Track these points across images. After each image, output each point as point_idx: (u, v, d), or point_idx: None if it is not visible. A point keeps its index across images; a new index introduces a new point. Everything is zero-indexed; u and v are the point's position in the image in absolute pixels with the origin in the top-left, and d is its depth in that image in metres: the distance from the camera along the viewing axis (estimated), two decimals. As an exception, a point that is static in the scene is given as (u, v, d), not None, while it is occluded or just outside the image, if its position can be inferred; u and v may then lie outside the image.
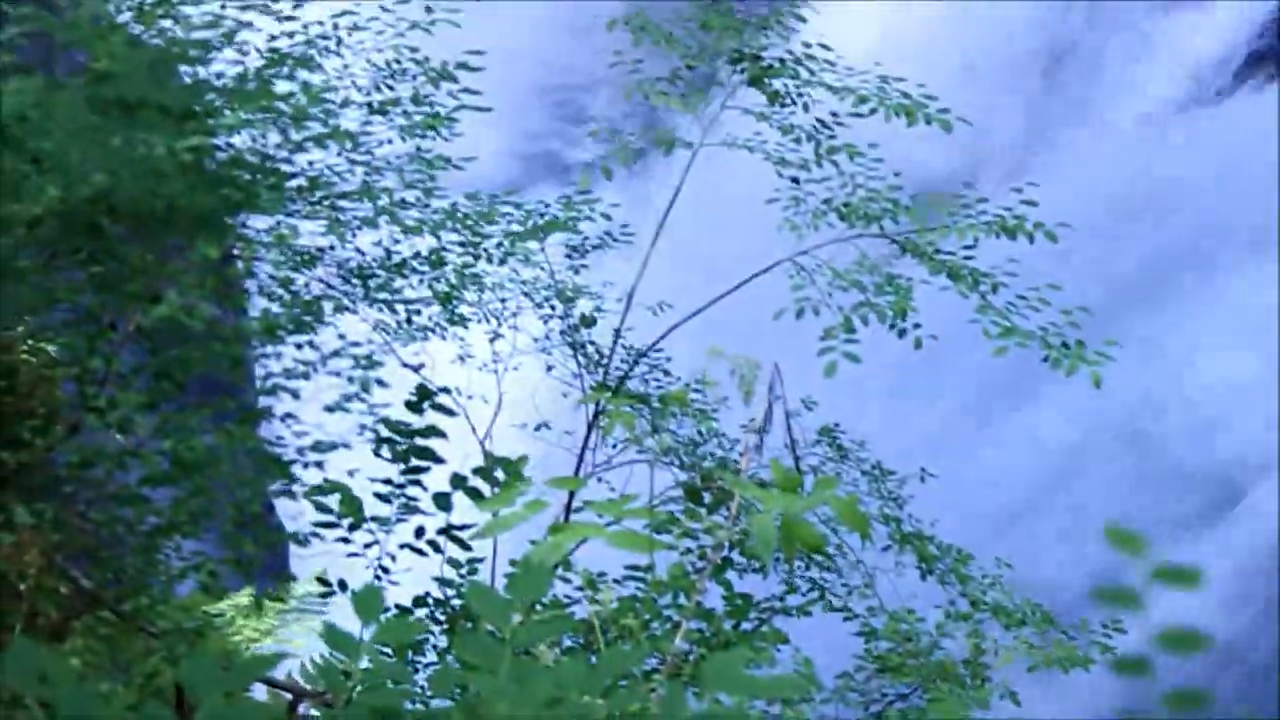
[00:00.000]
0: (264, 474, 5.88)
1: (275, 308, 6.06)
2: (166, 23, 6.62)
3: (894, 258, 8.94)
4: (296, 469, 5.94)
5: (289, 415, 6.08)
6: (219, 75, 5.62)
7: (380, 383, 6.16)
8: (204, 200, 4.59)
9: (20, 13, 4.63)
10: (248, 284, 6.57)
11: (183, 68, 5.23)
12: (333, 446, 6.00)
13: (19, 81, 4.51)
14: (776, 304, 8.45)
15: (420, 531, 6.23)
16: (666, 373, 9.64)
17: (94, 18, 4.43)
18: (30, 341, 5.41)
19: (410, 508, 6.13)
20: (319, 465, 5.98)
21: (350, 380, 5.97)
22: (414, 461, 5.97)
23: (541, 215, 8.73)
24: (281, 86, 6.28)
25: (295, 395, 5.99)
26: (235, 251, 6.14)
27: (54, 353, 5.46)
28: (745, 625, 6.76)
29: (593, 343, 9.58)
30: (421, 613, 6.62)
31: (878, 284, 8.40)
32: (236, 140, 5.59)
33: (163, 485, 5.62)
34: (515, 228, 8.48)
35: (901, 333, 8.17)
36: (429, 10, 7.82)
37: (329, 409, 6.10)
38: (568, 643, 6.08)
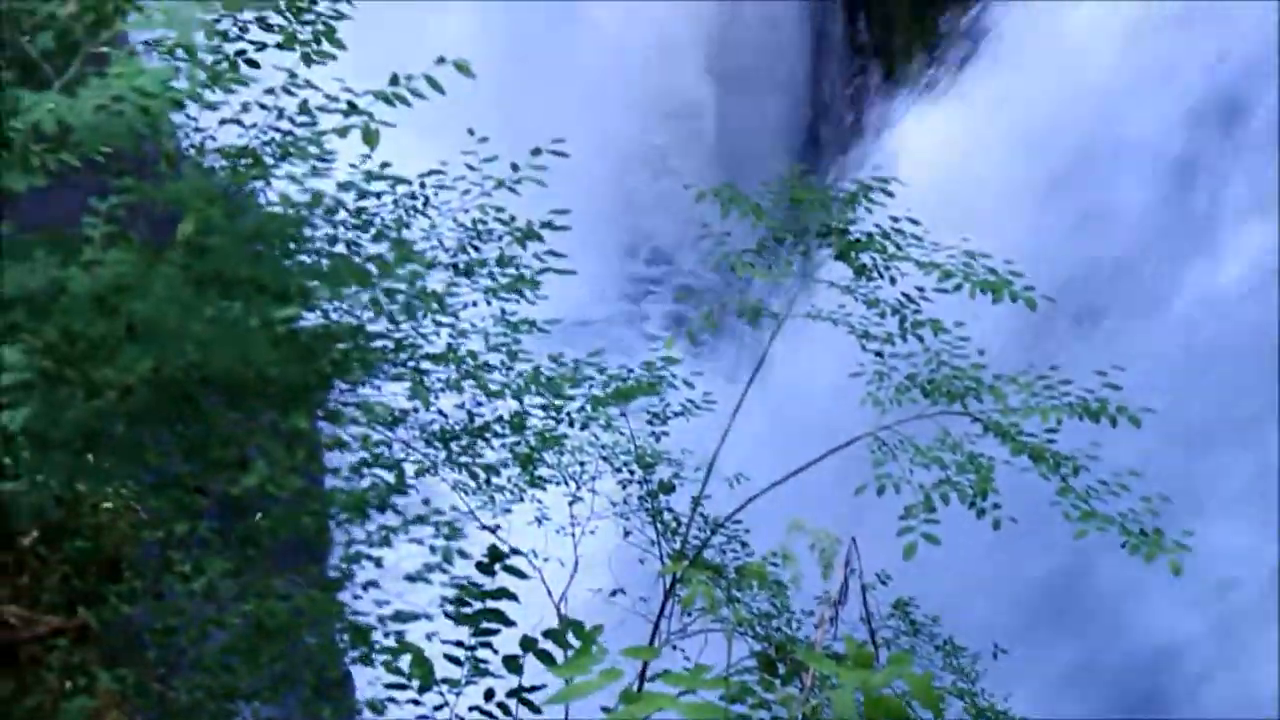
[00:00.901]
0: (345, 641, 5.87)
1: (361, 479, 6.10)
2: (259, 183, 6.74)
3: (976, 436, 8.90)
4: (376, 636, 5.93)
5: (371, 583, 6.08)
6: (312, 240, 5.69)
7: (462, 554, 6.16)
8: (296, 372, 4.64)
9: (122, 184, 4.71)
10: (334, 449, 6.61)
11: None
12: (414, 617, 5.99)
13: (119, 252, 4.58)
14: (857, 478, 8.44)
15: (490, 694, 6.19)
16: (744, 544, 9.61)
17: (194, 190, 4.50)
18: (118, 504, 5.45)
19: (480, 670, 6.10)
20: (399, 634, 5.97)
21: (432, 550, 5.97)
22: (484, 624, 5.94)
23: (624, 380, 8.75)
24: (371, 248, 6.35)
25: (378, 564, 5.99)
26: (321, 417, 6.19)
27: (141, 515, 5.50)
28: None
29: (670, 510, 9.56)
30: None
31: (959, 463, 8.39)
32: (327, 305, 5.66)
33: (244, 652, 5.62)
34: (597, 393, 8.51)
35: (981, 512, 8.14)
36: (515, 168, 7.88)
37: (410, 578, 6.09)
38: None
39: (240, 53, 7.56)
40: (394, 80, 6.28)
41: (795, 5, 23.13)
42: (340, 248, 6.40)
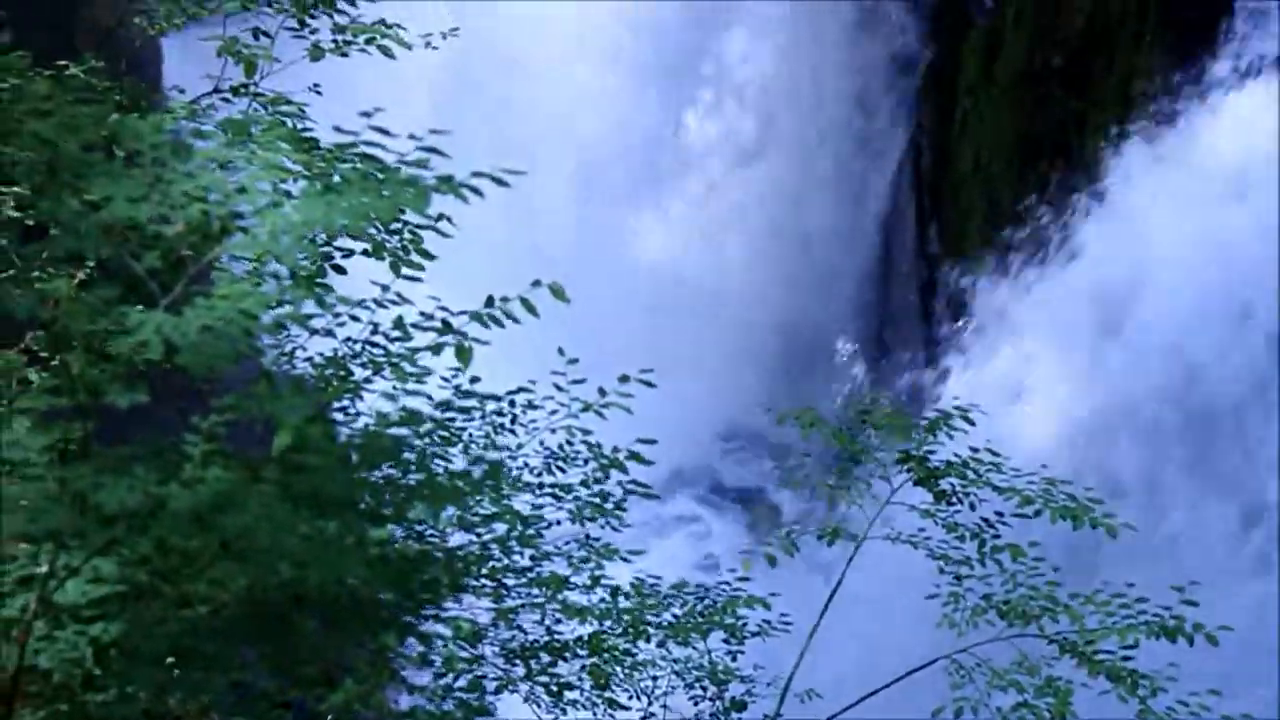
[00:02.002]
0: None
1: (445, 702, 6.13)
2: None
3: (1053, 658, 8.87)
4: None
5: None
6: (406, 458, 5.77)
7: (541, 777, 6.17)
8: (389, 592, 4.70)
9: (223, 402, 4.81)
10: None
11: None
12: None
13: (219, 470, 4.67)
14: (934, 701, 8.43)
15: None
16: (817, 765, 9.54)
17: (294, 409, 4.59)
18: (204, 718, 5.49)
19: None
20: None
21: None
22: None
23: (701, 599, 8.78)
24: (459, 461, 6.42)
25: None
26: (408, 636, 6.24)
27: (225, 729, 5.55)
28: None
29: (743, 729, 9.52)
30: None
31: (1037, 686, 8.38)
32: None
33: None
34: (676, 614, 8.54)
35: (1058, 735, 8.11)
36: (602, 393, 7.98)
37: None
38: None
39: (328, 257, 7.74)
40: (489, 302, 6.39)
41: (868, 215, 23.38)
42: (429, 461, 6.48)
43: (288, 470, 4.57)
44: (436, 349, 6.28)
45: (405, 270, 7.53)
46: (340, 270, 7.69)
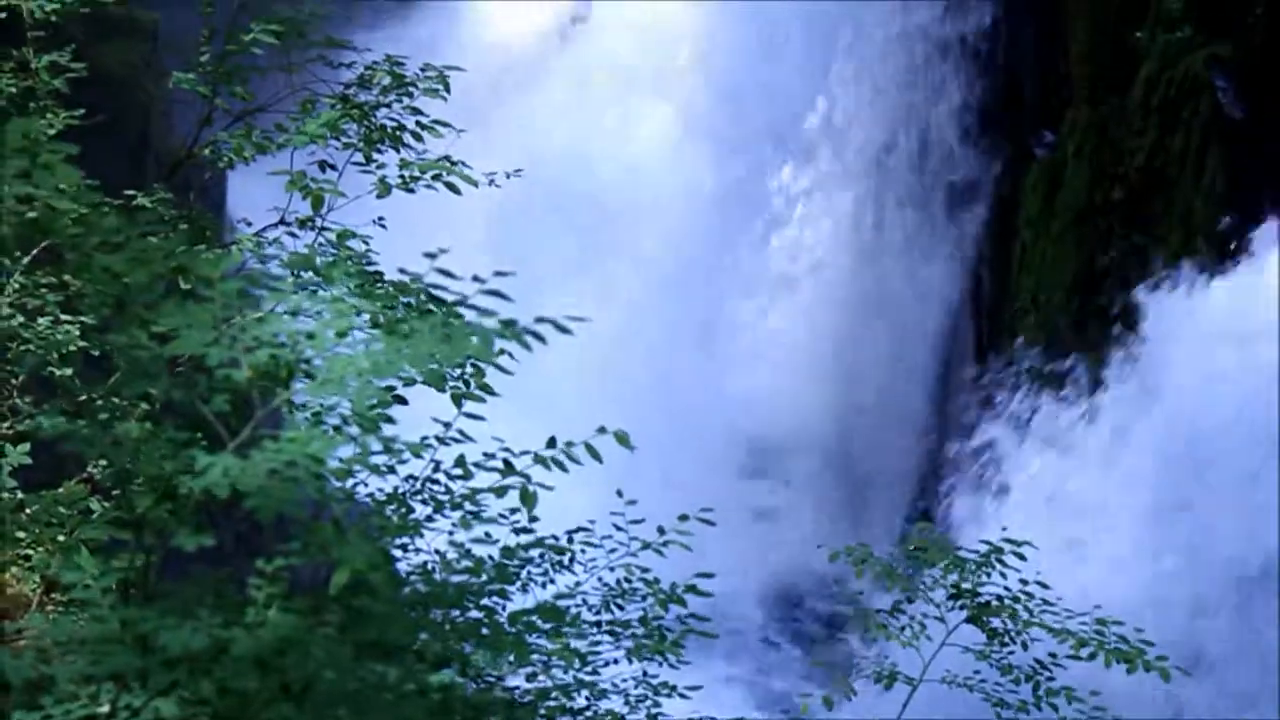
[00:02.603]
0: None
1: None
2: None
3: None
4: None
5: None
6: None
7: None
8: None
9: (290, 547, 4.86)
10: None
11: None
12: None
13: (282, 614, 4.72)
14: None
15: None
16: None
17: (360, 554, 4.64)
18: None
19: None
20: None
21: None
22: None
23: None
24: (517, 600, 6.44)
25: None
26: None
27: None
28: None
29: None
30: None
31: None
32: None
33: None
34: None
35: None
36: (661, 531, 8.02)
37: None
38: None
39: (389, 389, 7.80)
40: (551, 443, 6.44)
41: (926, 346, 23.42)
42: (488, 600, 6.52)
43: (349, 613, 4.61)
44: (500, 492, 6.33)
45: (468, 407, 7.58)
46: (401, 401, 7.76)
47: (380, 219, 10.45)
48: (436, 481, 7.48)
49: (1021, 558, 8.98)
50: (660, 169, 25.81)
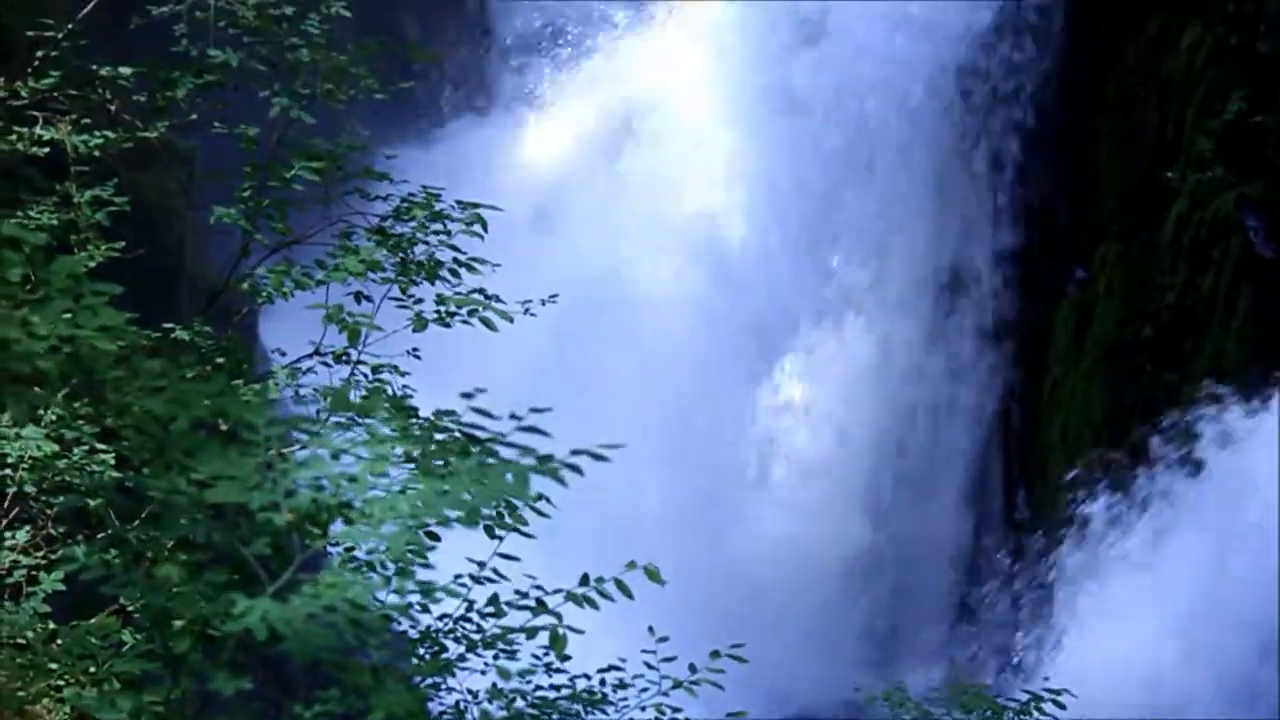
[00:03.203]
0: None
1: None
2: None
3: None
4: None
5: None
6: None
7: None
8: None
9: (328, 694, 4.87)
10: None
11: None
12: None
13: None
14: None
15: None
16: None
17: (400, 704, 4.64)
18: None
19: None
20: None
21: None
22: None
23: None
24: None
25: None
26: None
27: None
28: None
29: None
30: None
31: None
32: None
33: None
34: None
35: None
36: (692, 669, 7.99)
37: None
38: None
39: (422, 526, 7.81)
40: (584, 581, 6.44)
41: (955, 484, 23.38)
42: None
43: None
44: (531, 633, 6.34)
45: (502, 549, 7.60)
46: (434, 537, 7.77)
47: (414, 350, 10.50)
48: (469, 620, 7.49)
49: (1060, 706, 8.94)
50: (691, 296, 25.88)
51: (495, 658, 6.32)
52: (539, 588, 6.77)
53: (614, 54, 31.19)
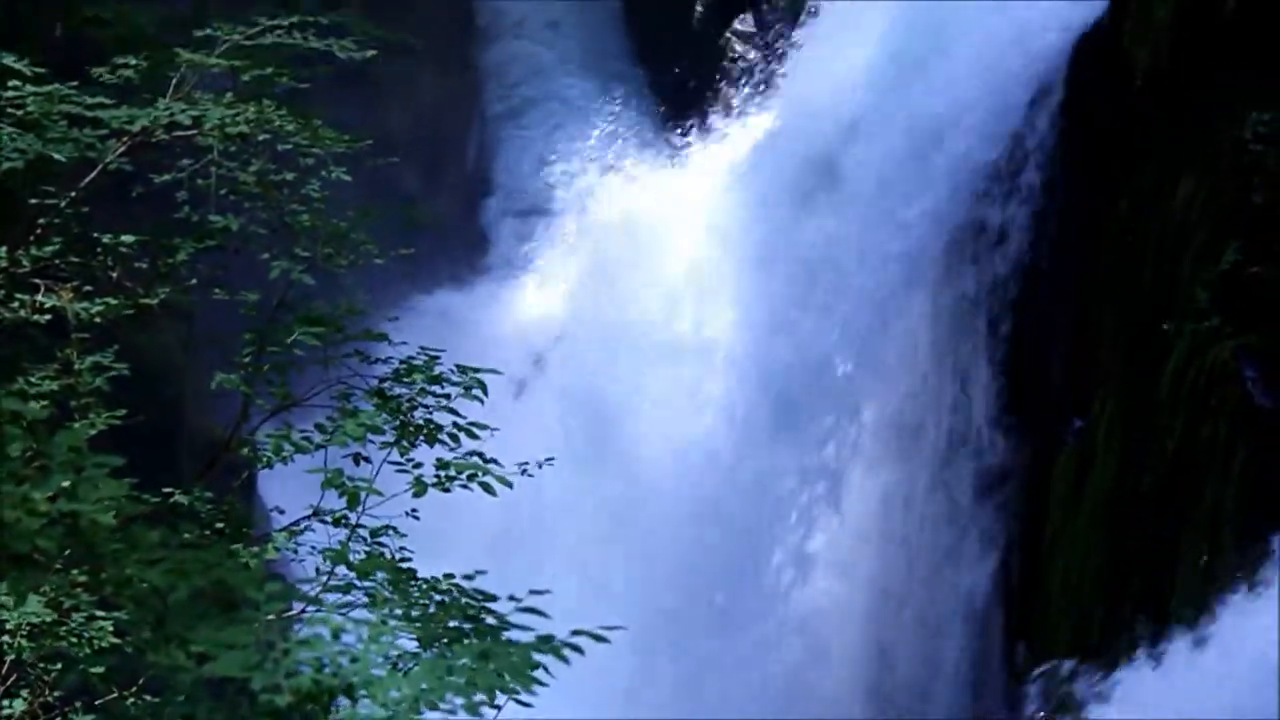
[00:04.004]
0: None
1: None
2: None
3: None
4: None
5: None
6: None
7: None
8: None
9: None
10: None
11: None
12: None
13: None
14: None
15: None
16: None
17: None
18: None
19: None
20: None
21: None
22: None
23: None
24: None
25: None
26: None
27: None
28: None
29: None
30: None
31: None
32: None
33: None
34: None
35: None
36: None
37: None
38: None
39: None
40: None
41: (955, 632, 23.28)
42: None
43: None
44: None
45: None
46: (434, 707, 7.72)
47: (413, 511, 10.51)
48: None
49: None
50: (692, 447, 25.92)
51: None
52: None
53: (614, 203, 31.45)
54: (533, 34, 34.67)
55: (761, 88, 30.88)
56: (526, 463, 10.70)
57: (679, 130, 32.43)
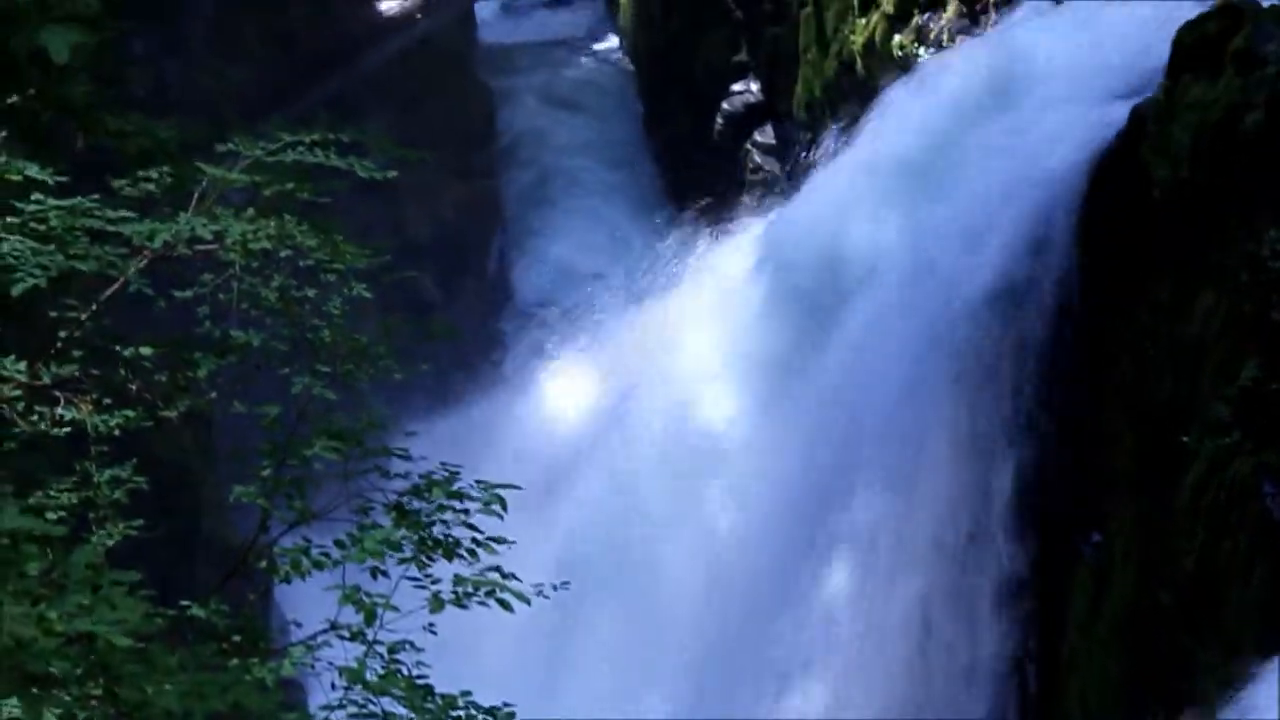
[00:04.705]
0: None
1: None
2: None
3: None
4: None
5: None
6: None
7: None
8: None
9: None
10: None
11: None
12: None
13: None
14: None
15: None
16: None
17: None
18: None
19: None
20: None
21: None
22: None
23: None
24: None
25: None
26: None
27: None
28: None
29: None
30: None
31: None
32: None
33: None
34: None
35: None
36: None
37: None
38: None
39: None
40: None
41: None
42: None
43: None
44: None
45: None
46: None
47: (430, 625, 10.49)
48: None
49: None
50: (704, 552, 25.87)
51: None
52: None
53: (632, 312, 31.55)
54: (553, 142, 34.94)
55: (780, 199, 31.03)
56: (542, 584, 10.72)
57: (698, 239, 32.59)
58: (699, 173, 33.84)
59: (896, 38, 27.33)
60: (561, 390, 30.60)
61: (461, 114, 34.07)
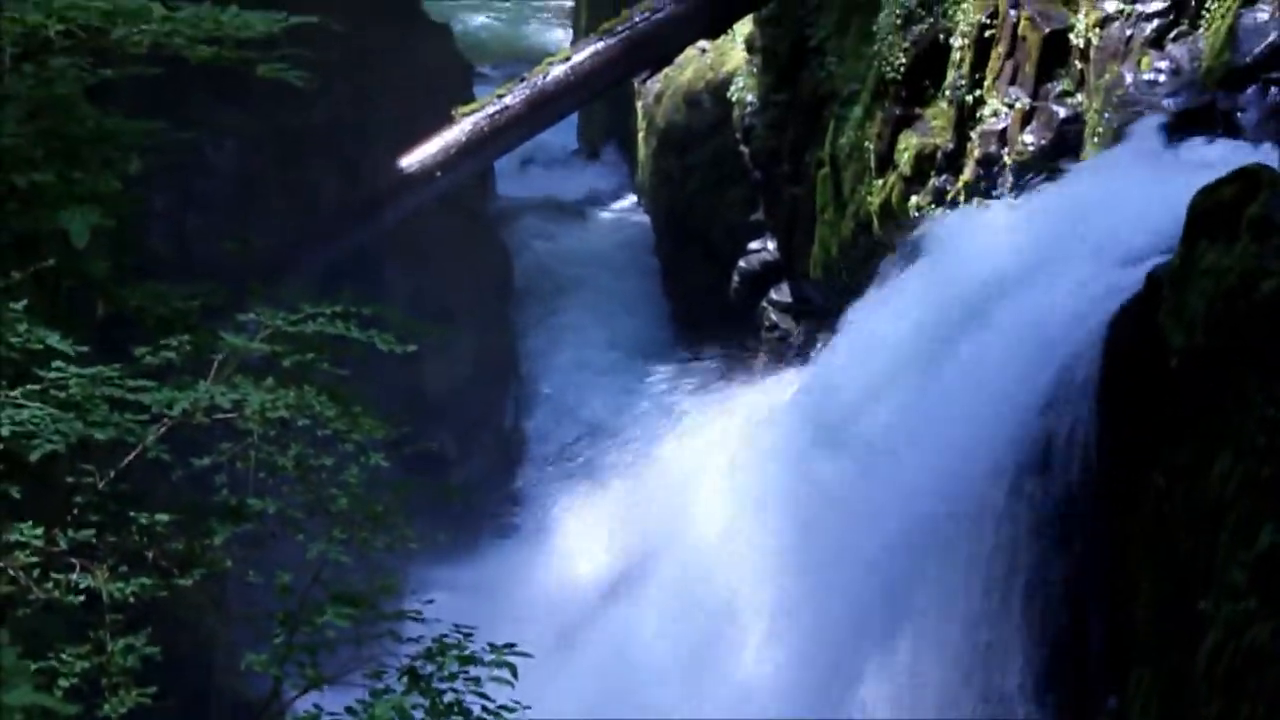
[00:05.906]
0: None
1: None
2: None
3: None
4: None
5: None
6: None
7: None
8: None
9: None
10: None
11: None
12: None
13: None
14: None
15: None
16: None
17: None
18: None
19: None
20: None
21: None
22: None
23: None
24: None
25: None
26: None
27: None
28: None
29: None
30: None
31: None
32: None
33: None
34: None
35: None
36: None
37: None
38: None
39: None
40: None
41: None
42: None
43: None
44: None
45: None
46: None
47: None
48: None
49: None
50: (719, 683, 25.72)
51: None
52: None
53: (646, 466, 31.59)
54: (570, 298, 35.18)
55: (797, 357, 31.14)
56: (551, 753, 10.72)
57: (713, 394, 32.70)
58: (715, 329, 33.99)
59: (913, 199, 27.51)
60: (576, 545, 30.56)
61: (478, 270, 34.31)
